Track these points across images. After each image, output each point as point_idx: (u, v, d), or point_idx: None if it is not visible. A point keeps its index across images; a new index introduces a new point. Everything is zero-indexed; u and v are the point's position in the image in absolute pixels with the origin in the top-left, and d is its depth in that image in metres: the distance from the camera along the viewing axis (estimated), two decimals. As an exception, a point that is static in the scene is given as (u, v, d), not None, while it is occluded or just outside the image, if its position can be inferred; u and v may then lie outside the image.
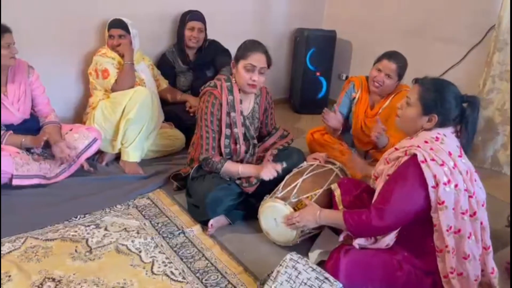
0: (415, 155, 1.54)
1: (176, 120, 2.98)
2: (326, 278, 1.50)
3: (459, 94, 1.63)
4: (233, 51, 3.30)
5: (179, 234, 2.04)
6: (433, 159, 1.50)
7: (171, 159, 2.80)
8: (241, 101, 2.18)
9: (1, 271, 1.71)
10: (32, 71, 2.51)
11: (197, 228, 2.08)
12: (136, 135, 2.56)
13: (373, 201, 1.69)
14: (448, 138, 1.60)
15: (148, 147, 2.72)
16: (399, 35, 3.50)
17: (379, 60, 2.52)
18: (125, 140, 2.58)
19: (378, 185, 1.71)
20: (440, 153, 1.54)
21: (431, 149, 1.53)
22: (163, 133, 2.83)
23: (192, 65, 3.15)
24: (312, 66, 3.82)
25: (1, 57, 2.25)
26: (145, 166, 2.64)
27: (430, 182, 1.49)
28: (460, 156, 1.59)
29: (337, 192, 1.95)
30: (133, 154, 2.60)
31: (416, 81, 1.68)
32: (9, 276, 1.69)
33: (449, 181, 1.50)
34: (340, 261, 1.59)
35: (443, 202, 1.50)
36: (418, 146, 1.55)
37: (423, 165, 1.50)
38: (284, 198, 1.93)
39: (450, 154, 1.55)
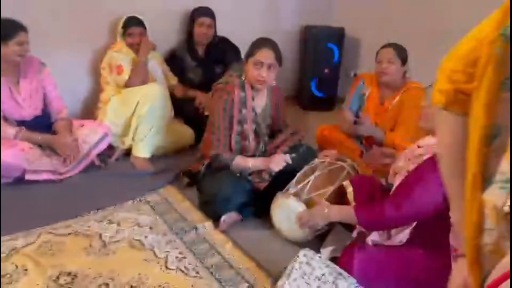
0: None
1: (185, 116, 2.99)
2: (340, 274, 1.51)
3: None
4: (241, 49, 3.34)
5: (191, 230, 2.05)
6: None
7: (181, 155, 2.81)
8: (253, 98, 2.18)
9: (18, 265, 1.73)
10: (44, 67, 2.53)
11: (209, 224, 2.09)
12: (147, 131, 2.58)
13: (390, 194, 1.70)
14: None
15: (157, 143, 2.73)
16: (409, 31, 3.48)
17: (377, 53, 2.57)
18: (136, 135, 2.59)
19: (396, 181, 1.72)
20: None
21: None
22: (172, 129, 2.84)
23: (201, 61, 3.15)
24: (321, 64, 3.81)
25: (11, 53, 2.27)
26: (155, 162, 2.65)
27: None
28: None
29: (349, 189, 1.95)
30: (143, 150, 2.61)
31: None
32: (26, 270, 1.71)
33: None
34: (354, 257, 1.60)
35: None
36: None
37: None
38: (296, 195, 1.94)
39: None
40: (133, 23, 2.75)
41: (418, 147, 1.71)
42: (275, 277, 1.74)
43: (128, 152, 2.71)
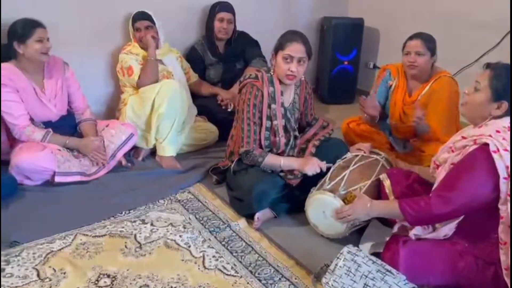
0: (485, 144, 1.49)
1: (208, 113, 2.96)
2: (388, 271, 1.48)
3: None
4: (260, 42, 3.29)
5: (225, 228, 2.03)
6: (505, 149, 1.46)
7: (207, 152, 2.79)
8: (282, 93, 2.14)
9: (56, 268, 1.72)
10: (67, 67, 2.51)
11: (242, 222, 2.07)
12: (169, 129, 2.55)
13: (433, 188, 1.66)
14: None
15: (182, 142, 2.71)
16: (429, 21, 3.41)
17: (404, 45, 2.49)
18: (159, 135, 2.56)
19: (440, 174, 1.68)
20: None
21: (504, 139, 1.48)
22: (196, 127, 2.81)
23: (221, 57, 3.11)
24: (340, 55, 3.76)
25: (33, 52, 2.25)
26: (182, 161, 2.63)
27: (502, 173, 1.45)
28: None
29: (387, 183, 1.91)
30: (168, 148, 2.58)
31: (488, 66, 1.61)
32: (64, 273, 1.70)
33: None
34: (399, 252, 1.57)
35: (514, 194, 1.45)
36: (490, 135, 1.50)
37: (495, 155, 1.45)
38: (332, 191, 1.91)
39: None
40: (139, 17, 2.72)
41: (463, 138, 1.66)
42: (316, 274, 1.72)
43: (153, 151, 2.69)
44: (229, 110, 2.94)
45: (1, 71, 2.24)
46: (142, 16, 2.70)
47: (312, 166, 2.02)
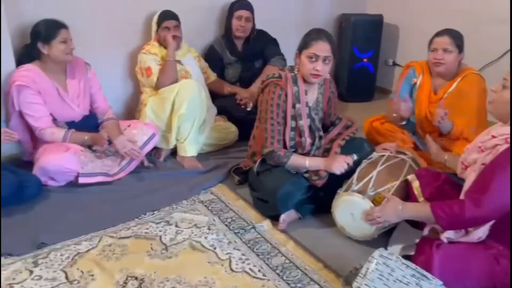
0: None
1: (227, 113, 2.94)
2: (424, 275, 1.44)
3: None
4: (278, 39, 3.25)
5: (250, 229, 2.01)
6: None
7: (227, 152, 2.77)
8: (306, 92, 2.11)
9: (83, 270, 1.72)
10: (89, 67, 2.51)
11: (267, 223, 2.05)
12: (189, 129, 2.53)
13: (464, 191, 1.62)
14: None
15: (202, 141, 2.69)
16: (450, 16, 3.34)
17: (431, 41, 2.43)
18: (180, 135, 2.55)
19: (469, 175, 1.63)
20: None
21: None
22: (216, 126, 2.79)
23: (240, 56, 3.09)
24: (359, 53, 3.70)
25: (58, 53, 2.26)
26: (202, 161, 2.61)
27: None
28: None
29: (416, 184, 1.87)
30: (189, 149, 2.57)
31: None
32: (92, 275, 1.70)
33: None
34: (433, 256, 1.52)
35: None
36: None
37: None
38: (361, 192, 1.87)
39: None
40: (168, 16, 2.69)
41: (493, 136, 1.61)
42: (346, 278, 1.69)
43: (174, 151, 2.68)
44: (248, 109, 2.91)
45: (25, 73, 2.26)
46: (171, 15, 2.69)
47: (339, 164, 1.98)
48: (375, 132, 2.66)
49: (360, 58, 3.72)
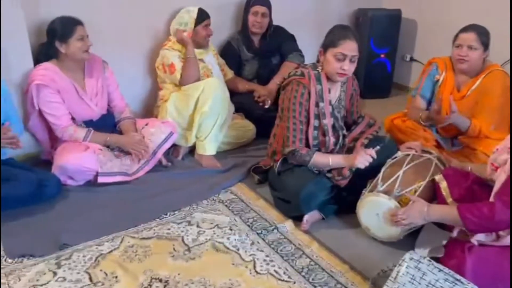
0: None
1: (245, 110, 2.90)
2: (458, 280, 1.40)
3: None
4: (293, 34, 3.20)
5: (272, 230, 1.98)
6: None
7: (245, 150, 2.74)
8: (329, 90, 2.07)
9: (107, 272, 1.71)
10: (107, 66, 2.49)
11: (289, 224, 2.01)
12: (211, 127, 2.50)
13: (494, 192, 1.57)
14: None
15: (221, 139, 2.66)
16: (470, 11, 3.26)
17: (456, 37, 2.36)
18: (201, 133, 2.52)
19: (500, 176, 1.58)
20: None
21: None
22: (234, 124, 2.76)
23: (257, 52, 3.05)
24: (376, 48, 3.64)
25: (76, 50, 2.23)
26: (220, 159, 2.58)
27: None
28: None
29: (443, 184, 1.82)
30: (209, 147, 2.54)
31: None
32: (116, 277, 1.68)
33: None
34: (465, 260, 1.48)
35: None
36: None
37: None
38: (386, 192, 1.83)
39: None
40: (207, 15, 2.67)
41: None
42: (374, 280, 1.65)
43: (191, 149, 2.65)
44: (266, 106, 2.88)
45: (43, 71, 2.24)
46: (207, 14, 2.67)
47: (362, 158, 1.92)
48: (396, 130, 2.61)
49: (377, 54, 3.66)
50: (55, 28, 2.26)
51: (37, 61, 2.33)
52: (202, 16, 2.65)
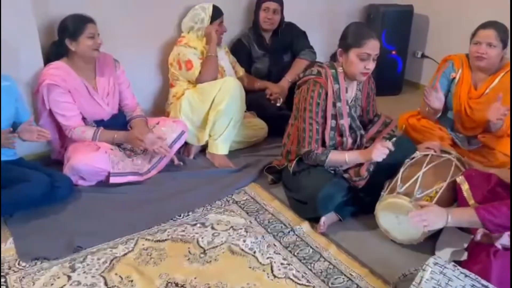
0: None
1: (258, 108, 2.85)
2: (485, 286, 1.36)
3: None
4: (305, 29, 3.15)
5: (288, 232, 1.94)
6: None
7: (257, 149, 2.70)
8: (346, 90, 2.02)
9: (122, 275, 1.67)
10: (118, 64, 2.45)
11: (306, 226, 1.98)
12: (225, 126, 2.46)
13: None
14: None
15: (233, 139, 2.62)
16: (483, 6, 3.19)
17: (474, 33, 2.31)
18: (214, 132, 2.48)
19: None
20: None
21: None
22: (246, 123, 2.72)
23: (268, 49, 3.00)
24: (387, 45, 3.58)
25: (86, 48, 2.19)
26: (232, 159, 2.54)
27: None
28: None
29: (465, 186, 1.78)
30: (222, 147, 2.50)
31: None
32: (131, 280, 1.65)
33: None
34: (492, 264, 1.44)
35: None
36: None
37: None
38: (407, 194, 1.79)
39: None
40: (221, 12, 2.64)
41: None
42: (395, 285, 1.62)
43: (203, 149, 2.61)
44: (278, 105, 2.84)
45: (54, 71, 2.20)
46: (221, 11, 2.64)
47: (378, 151, 1.85)
48: (411, 129, 2.56)
49: (388, 50, 3.60)
50: (65, 26, 2.22)
51: (47, 60, 2.29)
52: (217, 13, 2.61)
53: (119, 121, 2.44)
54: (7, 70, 2.08)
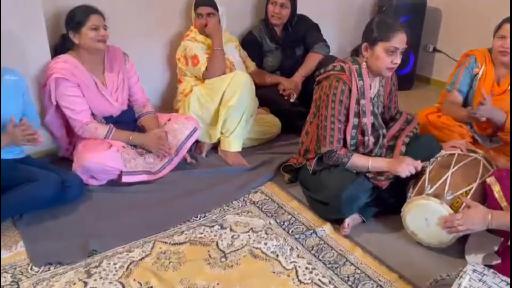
0: None
1: (269, 104, 2.77)
2: (529, 295, 1.30)
3: None
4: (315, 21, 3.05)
5: (310, 234, 1.87)
6: None
7: (271, 147, 2.61)
8: (370, 86, 1.94)
9: (141, 281, 1.60)
10: (127, 58, 2.35)
11: (328, 227, 1.91)
12: (237, 122, 2.37)
13: None
14: None
15: (246, 135, 2.54)
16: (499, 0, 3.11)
17: (499, 27, 2.23)
18: (226, 129, 2.40)
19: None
20: None
21: None
22: (259, 120, 2.63)
23: (280, 43, 2.91)
24: (400, 38, 3.49)
25: (88, 41, 2.09)
26: (246, 156, 2.46)
27: None
28: None
29: (496, 188, 1.71)
30: (234, 144, 2.42)
31: None
32: (151, 287, 1.57)
33: None
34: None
35: None
36: None
37: None
38: (437, 196, 1.72)
39: None
40: (200, 3, 2.51)
41: None
42: (427, 290, 1.55)
43: (215, 146, 2.53)
44: (291, 100, 2.75)
45: (62, 64, 2.11)
46: (206, 1, 2.49)
47: (407, 166, 1.82)
48: (430, 126, 2.47)
49: (400, 44, 3.51)
50: (70, 18, 2.12)
51: (55, 53, 2.19)
52: (197, 4, 2.50)
53: (128, 117, 2.35)
54: (13, 64, 1.98)
